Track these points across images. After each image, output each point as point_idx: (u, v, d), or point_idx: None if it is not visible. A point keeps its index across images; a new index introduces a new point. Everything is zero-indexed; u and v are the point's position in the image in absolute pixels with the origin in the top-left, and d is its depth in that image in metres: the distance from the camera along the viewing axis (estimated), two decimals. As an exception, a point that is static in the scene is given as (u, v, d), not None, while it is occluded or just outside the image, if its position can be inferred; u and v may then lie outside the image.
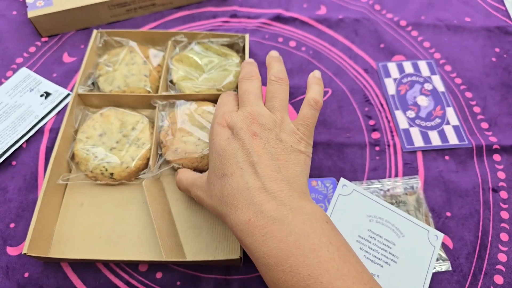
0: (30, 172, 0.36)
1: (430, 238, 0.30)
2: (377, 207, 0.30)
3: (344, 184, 0.31)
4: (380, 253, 0.29)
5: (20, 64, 0.44)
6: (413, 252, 0.29)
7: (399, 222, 0.30)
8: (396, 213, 0.30)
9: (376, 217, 0.30)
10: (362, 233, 0.29)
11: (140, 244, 0.32)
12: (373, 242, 0.29)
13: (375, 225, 0.30)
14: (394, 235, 0.30)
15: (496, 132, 0.40)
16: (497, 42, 0.46)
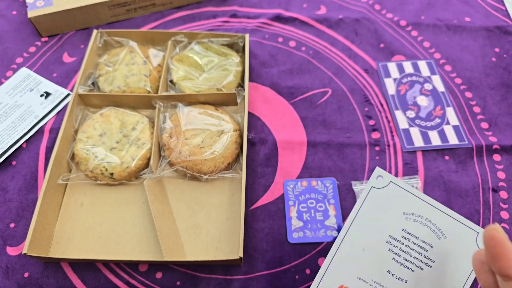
0: (30, 172, 0.36)
1: (480, 241, 0.25)
2: (417, 203, 0.25)
3: (380, 175, 0.26)
4: (413, 256, 0.25)
5: (20, 64, 0.44)
6: (454, 256, 0.25)
7: (442, 221, 0.25)
8: (441, 211, 0.25)
9: (415, 215, 0.25)
10: (395, 232, 0.25)
11: (140, 244, 0.32)
12: (406, 243, 0.25)
13: (411, 224, 0.25)
14: (433, 236, 0.25)
15: (496, 132, 0.40)
16: (497, 42, 0.46)
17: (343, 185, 0.36)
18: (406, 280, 0.25)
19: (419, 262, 0.25)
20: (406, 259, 0.25)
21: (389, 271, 0.25)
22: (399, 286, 0.24)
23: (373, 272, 0.25)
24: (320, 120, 0.40)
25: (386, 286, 0.24)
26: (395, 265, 0.25)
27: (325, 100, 0.42)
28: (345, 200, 0.35)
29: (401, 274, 0.25)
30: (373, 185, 0.26)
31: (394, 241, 0.25)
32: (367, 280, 0.25)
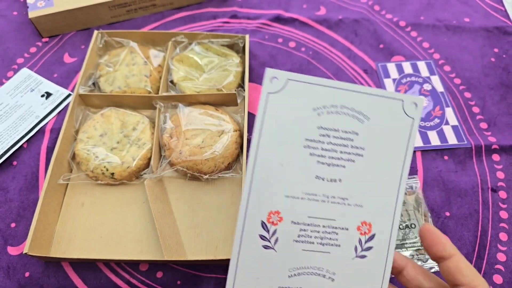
0: (31, 172, 0.36)
1: (407, 108, 0.22)
2: (325, 93, 0.22)
3: (273, 76, 0.21)
4: (339, 151, 0.22)
5: (21, 64, 0.44)
6: (384, 135, 0.22)
7: (360, 102, 0.22)
8: (356, 92, 0.22)
9: (327, 107, 0.22)
10: (310, 134, 0.21)
11: (140, 244, 0.32)
12: (326, 141, 0.21)
13: (326, 118, 0.22)
14: (355, 122, 0.22)
15: (495, 132, 0.40)
16: (496, 42, 0.47)
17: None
18: (340, 179, 0.22)
19: (347, 155, 0.22)
20: (333, 157, 0.22)
21: (317, 176, 0.21)
22: (334, 188, 0.21)
23: (301, 184, 0.21)
24: (320, 120, 0.40)
25: (320, 194, 0.21)
26: (322, 167, 0.22)
27: (325, 100, 0.42)
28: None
29: (332, 175, 0.21)
30: (269, 91, 0.21)
31: (312, 143, 0.22)
32: (296, 195, 0.21)
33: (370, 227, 0.22)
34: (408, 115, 0.22)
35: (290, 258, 0.21)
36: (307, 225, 0.21)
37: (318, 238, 0.21)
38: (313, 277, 0.21)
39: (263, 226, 0.21)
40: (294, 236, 0.21)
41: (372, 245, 0.22)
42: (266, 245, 0.21)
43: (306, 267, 0.21)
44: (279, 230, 0.21)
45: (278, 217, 0.21)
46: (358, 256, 0.22)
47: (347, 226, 0.22)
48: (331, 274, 0.21)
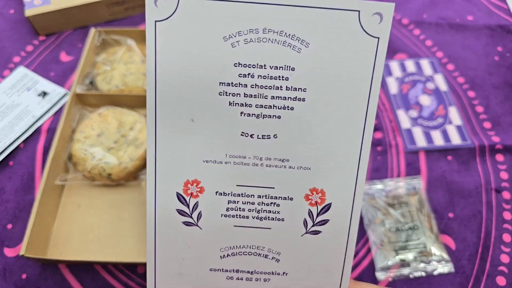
0: (28, 172, 0.36)
1: (366, 23, 0.15)
2: (240, 13, 0.15)
3: None
4: (270, 97, 0.16)
5: (18, 63, 0.43)
6: (334, 67, 0.15)
7: (294, 21, 0.15)
8: (284, 5, 0.15)
9: (243, 33, 0.15)
10: (225, 75, 0.16)
11: (138, 246, 0.32)
12: (250, 82, 0.16)
13: (245, 50, 0.15)
14: (288, 52, 0.15)
15: (499, 131, 0.39)
16: (499, 40, 0.46)
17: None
18: (275, 135, 0.16)
19: (282, 101, 0.16)
20: (262, 105, 0.16)
21: (244, 133, 0.16)
22: (269, 147, 0.16)
23: (222, 145, 0.16)
24: (321, 120, 0.40)
25: (249, 155, 0.16)
26: (249, 120, 0.16)
27: (326, 100, 0.41)
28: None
29: (263, 129, 0.16)
30: (156, 18, 0.15)
31: (230, 88, 0.16)
32: (218, 159, 0.16)
33: (324, 195, 0.17)
34: (369, 33, 0.15)
35: (219, 236, 0.17)
36: (237, 195, 0.17)
37: (253, 211, 0.17)
38: (252, 257, 0.17)
39: (179, 198, 0.17)
40: (222, 209, 0.17)
41: (327, 217, 0.17)
42: (187, 221, 0.17)
43: (241, 246, 0.17)
44: (201, 203, 0.17)
45: (198, 187, 0.17)
46: (309, 232, 0.17)
47: (290, 195, 0.17)
48: (275, 254, 0.17)
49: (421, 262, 0.32)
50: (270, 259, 0.18)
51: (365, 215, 0.34)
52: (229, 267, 0.18)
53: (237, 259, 0.18)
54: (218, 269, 0.18)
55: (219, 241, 0.17)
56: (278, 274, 0.18)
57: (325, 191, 0.17)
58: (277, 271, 0.18)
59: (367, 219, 0.34)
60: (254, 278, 0.18)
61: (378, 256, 0.32)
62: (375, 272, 0.32)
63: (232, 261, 0.18)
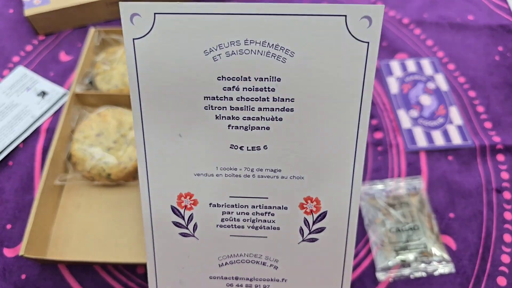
0: (27, 172, 0.36)
1: (354, 27, 0.14)
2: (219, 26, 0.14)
3: (134, 12, 0.14)
4: (257, 108, 0.15)
5: (17, 63, 0.43)
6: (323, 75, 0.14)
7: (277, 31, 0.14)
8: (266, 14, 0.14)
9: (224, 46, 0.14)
10: (209, 89, 0.15)
11: (138, 246, 0.32)
12: (236, 95, 0.15)
13: (227, 63, 0.14)
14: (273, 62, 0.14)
15: (499, 131, 0.39)
16: (500, 40, 0.46)
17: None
18: (265, 146, 0.16)
19: (270, 112, 0.15)
20: (249, 117, 0.15)
21: (233, 145, 0.16)
22: (259, 158, 0.16)
23: (213, 158, 0.16)
24: (321, 120, 0.40)
25: (240, 167, 0.16)
26: (238, 133, 0.16)
27: (326, 99, 0.41)
28: (346, 201, 0.35)
29: (253, 141, 0.16)
30: (133, 36, 0.14)
31: (215, 102, 0.15)
32: (209, 172, 0.16)
33: (318, 203, 0.17)
34: (358, 39, 0.14)
35: (216, 245, 0.18)
36: (231, 206, 0.17)
37: (248, 221, 0.17)
38: (250, 265, 0.18)
39: (174, 211, 0.17)
40: (217, 220, 0.17)
41: (323, 225, 0.17)
42: (183, 232, 0.18)
43: (238, 254, 0.18)
44: (196, 215, 0.17)
45: (191, 200, 0.17)
46: (306, 239, 0.17)
47: (285, 205, 0.17)
48: (273, 262, 0.18)
49: (421, 262, 0.32)
50: (268, 266, 0.18)
51: (366, 215, 0.34)
52: (229, 275, 0.18)
53: (236, 267, 0.18)
54: (218, 276, 0.18)
55: (216, 250, 0.18)
56: (278, 281, 0.18)
57: (320, 200, 0.17)
58: (276, 278, 0.18)
59: (367, 219, 0.34)
60: (254, 285, 0.18)
61: (379, 257, 0.32)
62: (376, 273, 0.31)
63: (231, 269, 0.18)
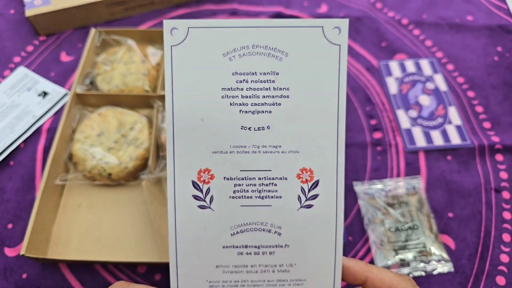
0: (28, 172, 0.36)
1: (329, 35, 0.20)
2: (233, 35, 0.20)
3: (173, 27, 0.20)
4: (262, 96, 0.20)
5: (18, 63, 0.43)
6: (309, 69, 0.20)
7: (274, 38, 0.20)
8: (266, 27, 0.20)
9: (237, 50, 0.20)
10: (225, 82, 0.20)
11: (138, 245, 0.32)
12: (245, 87, 0.20)
13: (239, 62, 0.20)
14: (273, 61, 0.20)
15: (498, 131, 0.39)
16: (499, 41, 0.46)
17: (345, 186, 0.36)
18: (268, 126, 0.20)
19: (271, 99, 0.20)
20: (256, 103, 0.20)
21: (243, 126, 0.20)
22: (264, 137, 0.20)
23: (226, 138, 0.20)
24: (320, 120, 0.40)
25: (249, 145, 0.20)
26: (246, 116, 0.20)
27: (325, 100, 0.42)
28: (346, 201, 0.35)
29: (258, 123, 0.20)
30: (171, 44, 0.20)
31: (230, 92, 0.20)
32: (224, 150, 0.20)
33: (312, 173, 0.20)
34: (332, 42, 0.20)
35: (229, 216, 0.20)
36: (241, 179, 0.20)
37: (255, 191, 0.20)
38: (258, 232, 0.20)
39: (194, 185, 0.20)
40: (230, 192, 0.20)
41: (317, 192, 0.20)
42: (201, 205, 0.20)
43: (248, 223, 0.20)
44: (212, 188, 0.20)
45: (209, 174, 0.20)
46: (303, 206, 0.20)
47: (285, 176, 0.20)
48: (277, 228, 0.20)
49: (420, 261, 0.32)
50: (273, 233, 0.20)
51: (365, 214, 0.34)
52: (239, 244, 0.20)
53: (245, 236, 0.20)
54: (230, 246, 0.20)
55: (229, 220, 0.20)
56: (281, 247, 0.20)
57: (312, 170, 0.20)
58: (279, 244, 0.20)
59: (367, 218, 0.34)
60: (261, 252, 0.20)
61: (378, 256, 0.32)
62: (375, 272, 0.32)
63: (241, 238, 0.20)
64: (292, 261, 0.20)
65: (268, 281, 0.21)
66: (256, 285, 0.21)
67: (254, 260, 0.20)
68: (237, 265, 0.20)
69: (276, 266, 0.20)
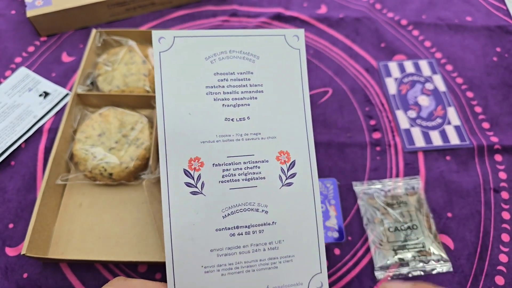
0: (29, 172, 0.36)
1: (290, 41, 0.24)
2: (213, 43, 0.23)
3: (161, 36, 0.23)
4: (240, 92, 0.23)
5: (19, 63, 0.44)
6: (277, 69, 0.24)
7: (247, 44, 0.24)
8: (240, 36, 0.24)
9: (217, 54, 0.23)
10: (209, 81, 0.23)
11: (139, 245, 0.32)
12: (226, 84, 0.23)
13: (220, 64, 0.23)
14: (247, 63, 0.24)
15: (497, 132, 0.40)
16: (498, 41, 0.46)
17: (344, 185, 0.36)
18: (248, 117, 0.23)
19: (249, 94, 0.23)
20: (236, 98, 0.23)
21: (227, 118, 0.23)
22: (245, 126, 0.23)
23: (213, 129, 0.23)
24: (320, 120, 0.40)
25: (233, 133, 0.23)
26: (229, 109, 0.23)
27: (325, 100, 0.42)
28: (345, 201, 0.35)
29: (239, 114, 0.23)
30: (160, 50, 0.23)
31: (213, 89, 0.23)
32: (211, 139, 0.23)
33: (289, 155, 0.23)
34: (293, 47, 0.24)
35: (220, 199, 0.22)
36: (228, 164, 0.22)
37: (242, 175, 0.22)
38: (247, 213, 0.22)
39: (186, 173, 0.22)
40: (219, 177, 0.22)
41: (295, 171, 0.23)
42: (193, 191, 0.22)
43: (237, 204, 0.22)
44: (203, 175, 0.22)
45: (199, 162, 0.22)
46: (284, 184, 0.23)
47: (266, 158, 0.23)
48: (264, 207, 0.22)
49: (419, 261, 0.32)
50: (260, 212, 0.22)
51: (364, 214, 0.34)
52: (230, 225, 0.22)
53: (236, 217, 0.22)
54: (222, 228, 0.22)
55: (220, 204, 0.22)
56: (269, 224, 0.22)
57: (289, 152, 0.23)
58: (267, 222, 0.22)
59: (366, 218, 0.34)
60: (251, 231, 0.22)
61: (377, 256, 0.32)
62: (374, 271, 0.32)
63: (232, 219, 0.22)
64: (280, 238, 0.22)
65: (260, 260, 0.22)
66: (249, 266, 0.22)
67: (245, 240, 0.22)
68: (230, 247, 0.22)
69: (266, 244, 0.22)
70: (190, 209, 0.22)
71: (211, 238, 0.21)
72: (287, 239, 0.22)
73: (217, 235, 0.22)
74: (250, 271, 0.22)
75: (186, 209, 0.21)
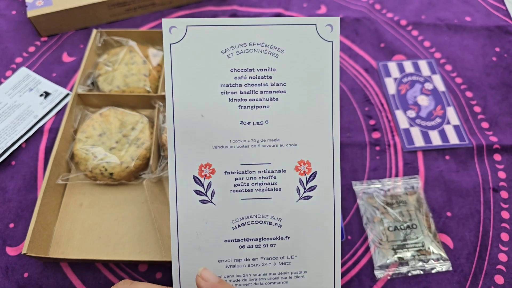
0: (30, 172, 0.36)
1: (322, 32, 0.20)
2: (231, 33, 0.20)
3: (172, 25, 0.20)
4: (260, 91, 0.20)
5: (20, 63, 0.44)
6: (304, 65, 0.20)
7: (270, 35, 0.20)
8: (262, 25, 0.20)
9: (235, 47, 0.20)
10: (224, 79, 0.20)
11: (139, 244, 0.32)
12: (243, 83, 0.20)
13: (237, 59, 0.20)
14: (269, 57, 0.20)
15: (496, 131, 0.40)
16: (497, 41, 0.46)
17: (344, 185, 0.36)
18: (267, 121, 0.20)
19: (269, 94, 0.20)
20: (254, 99, 0.20)
21: (243, 121, 0.20)
22: (262, 131, 0.20)
23: (226, 133, 0.20)
24: (320, 120, 0.40)
25: (248, 139, 0.20)
26: (245, 112, 0.20)
27: (325, 100, 0.42)
28: (345, 200, 0.35)
29: (257, 117, 0.20)
30: (171, 42, 0.20)
31: (229, 88, 0.20)
32: (224, 145, 0.20)
33: (309, 165, 0.21)
34: (325, 39, 0.20)
35: (230, 209, 0.20)
36: (242, 173, 0.21)
37: (255, 184, 0.20)
38: (259, 225, 0.20)
39: (196, 180, 0.20)
40: (231, 186, 0.20)
41: (315, 184, 0.21)
42: (203, 199, 0.20)
43: (248, 216, 0.20)
44: (213, 182, 0.20)
45: (210, 169, 0.20)
46: (302, 197, 0.21)
47: (284, 168, 0.21)
48: (277, 220, 0.21)
49: (419, 260, 0.32)
50: (273, 226, 0.21)
51: (364, 214, 0.34)
52: (241, 237, 0.20)
53: (247, 229, 0.20)
54: (232, 239, 0.20)
55: (230, 214, 0.20)
56: (282, 239, 0.21)
57: (310, 162, 0.21)
58: (280, 236, 0.20)
59: (365, 218, 0.34)
60: (262, 245, 0.20)
61: (377, 255, 0.32)
62: (374, 270, 0.32)
63: (242, 231, 0.20)
64: (292, 253, 0.20)
65: (270, 274, 0.20)
66: (258, 279, 0.20)
67: (255, 253, 0.20)
68: (239, 258, 0.20)
69: (277, 259, 0.20)
70: (199, 218, 0.20)
71: (219, 249, 0.20)
72: (300, 255, 0.20)
73: (226, 246, 0.20)
74: (259, 284, 0.20)
75: (195, 217, 0.20)
